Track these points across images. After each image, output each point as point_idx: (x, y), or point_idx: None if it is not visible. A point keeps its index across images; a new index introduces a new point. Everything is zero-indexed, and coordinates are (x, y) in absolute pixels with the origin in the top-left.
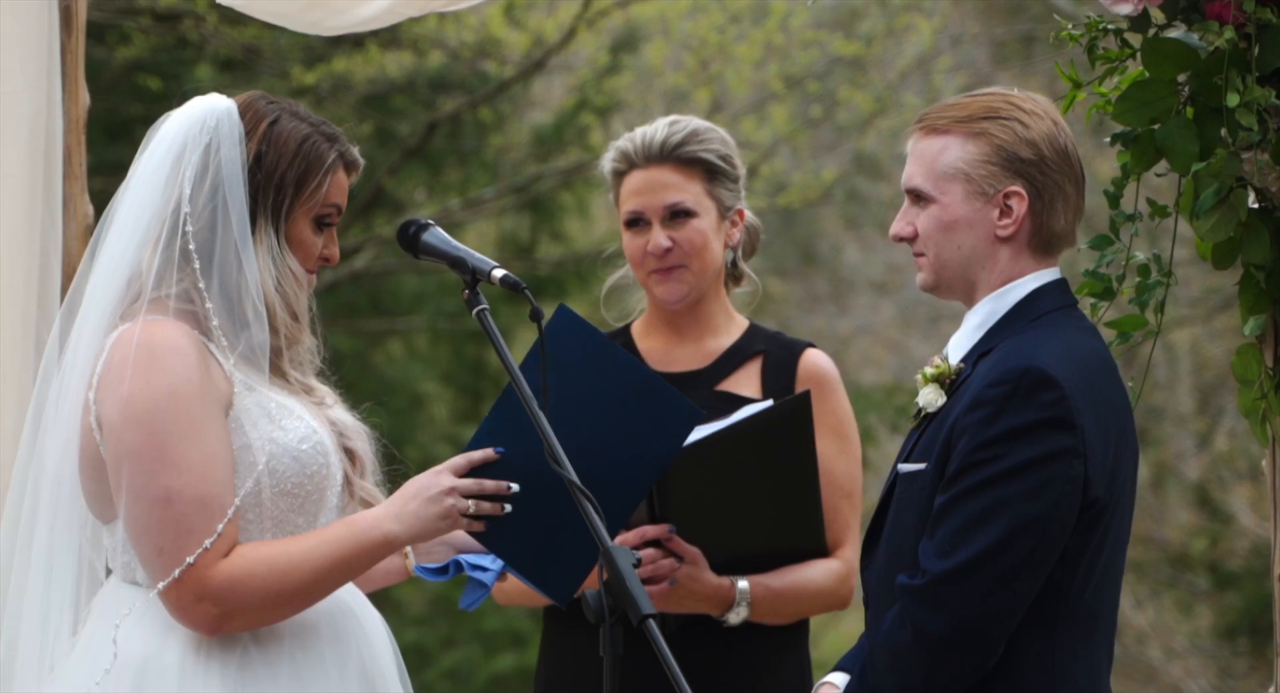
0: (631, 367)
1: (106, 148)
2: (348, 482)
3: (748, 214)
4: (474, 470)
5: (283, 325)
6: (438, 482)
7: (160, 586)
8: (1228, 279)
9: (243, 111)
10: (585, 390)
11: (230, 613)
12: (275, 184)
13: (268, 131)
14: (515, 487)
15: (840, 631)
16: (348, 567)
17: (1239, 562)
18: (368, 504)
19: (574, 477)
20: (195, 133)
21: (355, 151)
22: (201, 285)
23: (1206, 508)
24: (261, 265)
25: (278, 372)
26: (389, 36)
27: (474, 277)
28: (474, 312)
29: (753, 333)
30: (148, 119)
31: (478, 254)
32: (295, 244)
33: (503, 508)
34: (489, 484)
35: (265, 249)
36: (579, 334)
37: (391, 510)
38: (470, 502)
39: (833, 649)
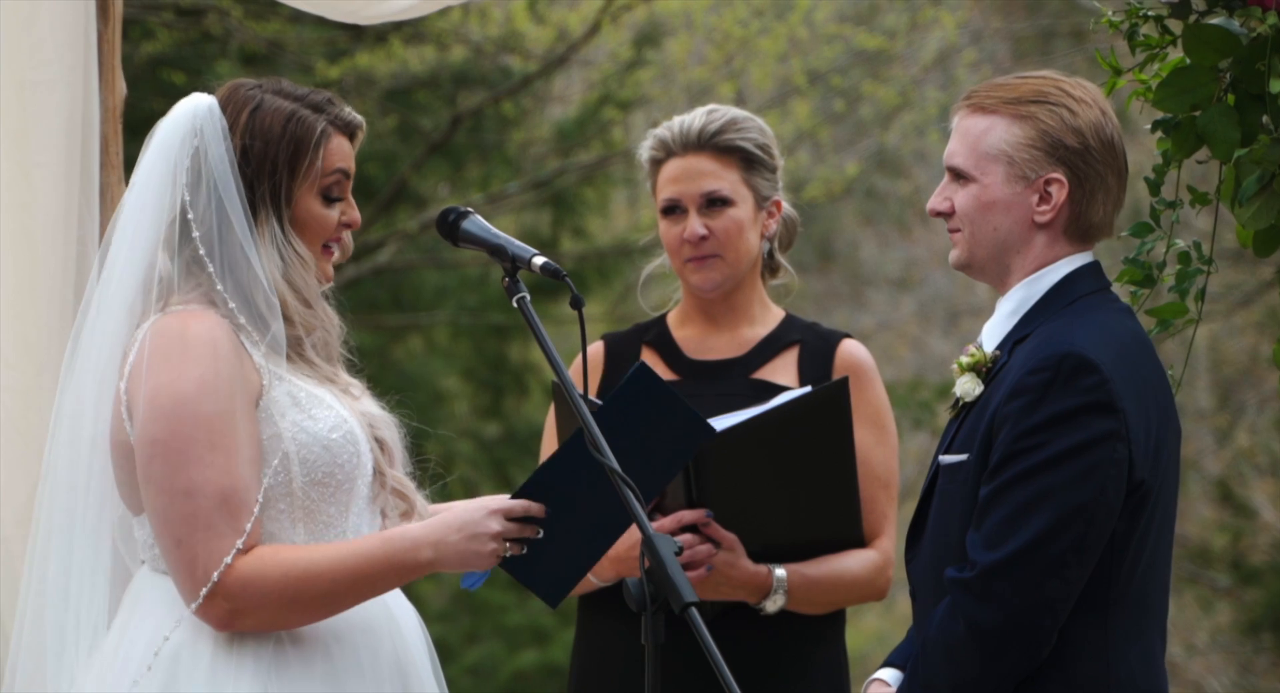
0: (680, 407)
1: (130, 143)
2: (379, 471)
3: (785, 205)
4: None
5: (296, 314)
6: (488, 526)
7: (192, 606)
8: (1247, 275)
9: (224, 106)
10: (635, 432)
11: (239, 611)
12: (268, 171)
13: (249, 122)
14: (541, 533)
15: (861, 626)
16: (373, 584)
17: (1261, 558)
18: (399, 493)
19: (615, 465)
20: (183, 137)
21: (349, 111)
22: (220, 287)
23: (1228, 504)
24: (267, 256)
25: (302, 360)
26: (412, 31)
27: (514, 264)
28: (514, 300)
29: (789, 323)
30: None
31: (517, 242)
32: (304, 223)
33: (521, 548)
34: (529, 530)
35: (269, 239)
36: (653, 392)
37: (432, 537)
38: (508, 544)
39: (854, 643)
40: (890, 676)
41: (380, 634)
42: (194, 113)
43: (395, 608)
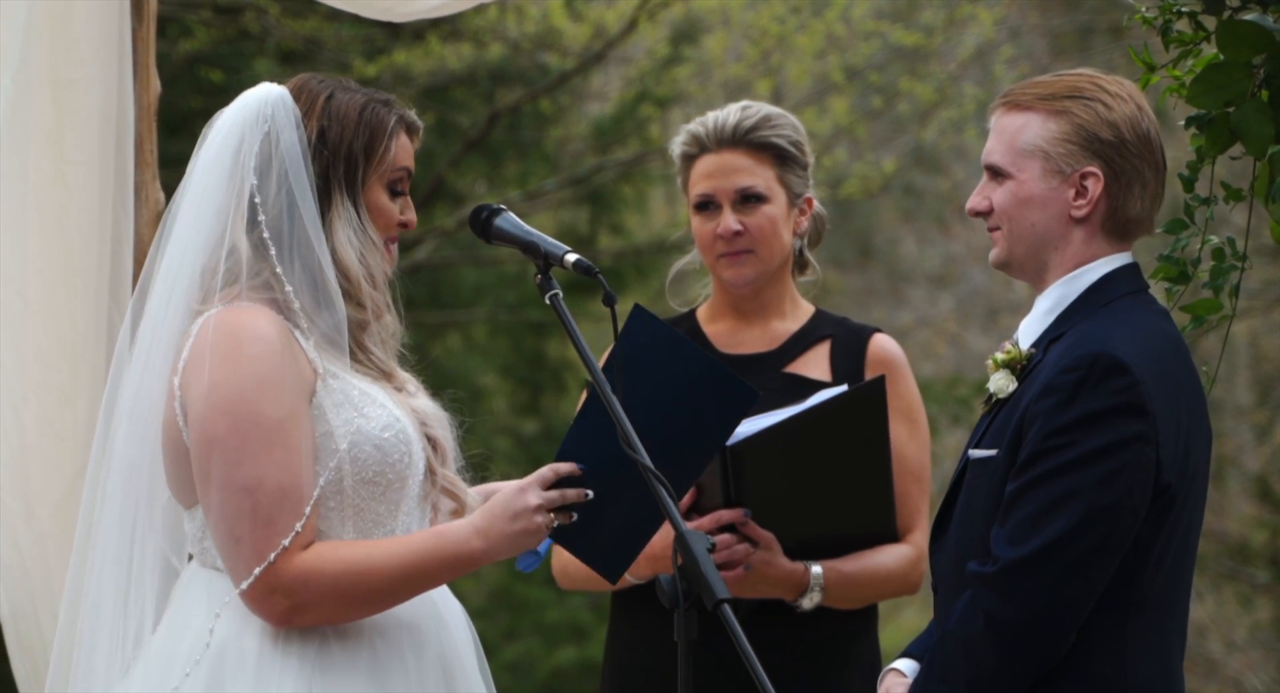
0: (697, 355)
1: (168, 141)
2: (431, 470)
3: (815, 203)
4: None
5: (369, 299)
6: (525, 501)
7: (243, 585)
8: None
9: (296, 94)
10: (658, 382)
11: (300, 607)
12: (344, 156)
13: (325, 107)
14: (591, 494)
15: (899, 623)
16: (427, 577)
17: None
18: (450, 493)
19: (648, 462)
20: (252, 123)
21: (413, 114)
22: (280, 271)
23: (1267, 500)
24: (342, 240)
25: (361, 348)
26: (450, 28)
27: (546, 261)
28: (546, 297)
29: (819, 318)
30: (209, 112)
31: (550, 239)
32: (374, 212)
33: (571, 516)
34: (571, 494)
35: (345, 222)
36: (653, 331)
37: (481, 526)
38: (552, 515)
39: (894, 640)
40: (906, 666)
41: (426, 632)
42: (264, 99)
43: (442, 605)
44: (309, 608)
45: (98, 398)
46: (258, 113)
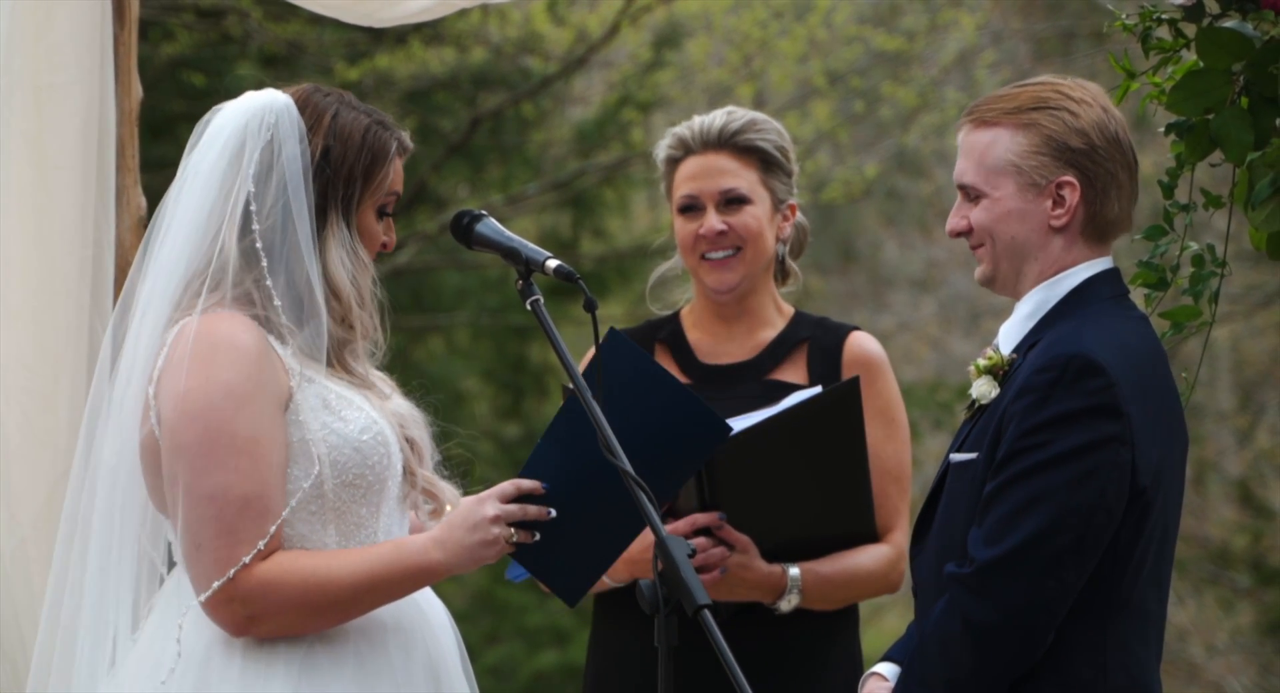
0: (673, 385)
1: (150, 145)
2: (409, 471)
3: (799, 212)
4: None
5: (357, 320)
6: (482, 511)
7: (204, 595)
8: (1269, 276)
9: (301, 106)
10: (631, 407)
11: (257, 617)
12: (345, 177)
13: (331, 125)
14: (554, 513)
15: (883, 626)
16: (388, 589)
17: None
18: (429, 493)
19: (628, 467)
20: (254, 129)
21: (408, 138)
22: (268, 282)
23: (1248, 505)
24: (335, 259)
25: (341, 364)
26: (432, 32)
27: (527, 267)
28: (527, 303)
29: (798, 320)
30: (191, 115)
31: (531, 245)
32: (363, 234)
33: (533, 535)
34: (532, 510)
35: (338, 242)
36: (629, 358)
37: (440, 537)
38: (512, 529)
39: (876, 644)
40: (888, 670)
41: (413, 634)
42: (268, 107)
43: (427, 607)
44: (266, 618)
45: (79, 403)
46: (261, 119)
